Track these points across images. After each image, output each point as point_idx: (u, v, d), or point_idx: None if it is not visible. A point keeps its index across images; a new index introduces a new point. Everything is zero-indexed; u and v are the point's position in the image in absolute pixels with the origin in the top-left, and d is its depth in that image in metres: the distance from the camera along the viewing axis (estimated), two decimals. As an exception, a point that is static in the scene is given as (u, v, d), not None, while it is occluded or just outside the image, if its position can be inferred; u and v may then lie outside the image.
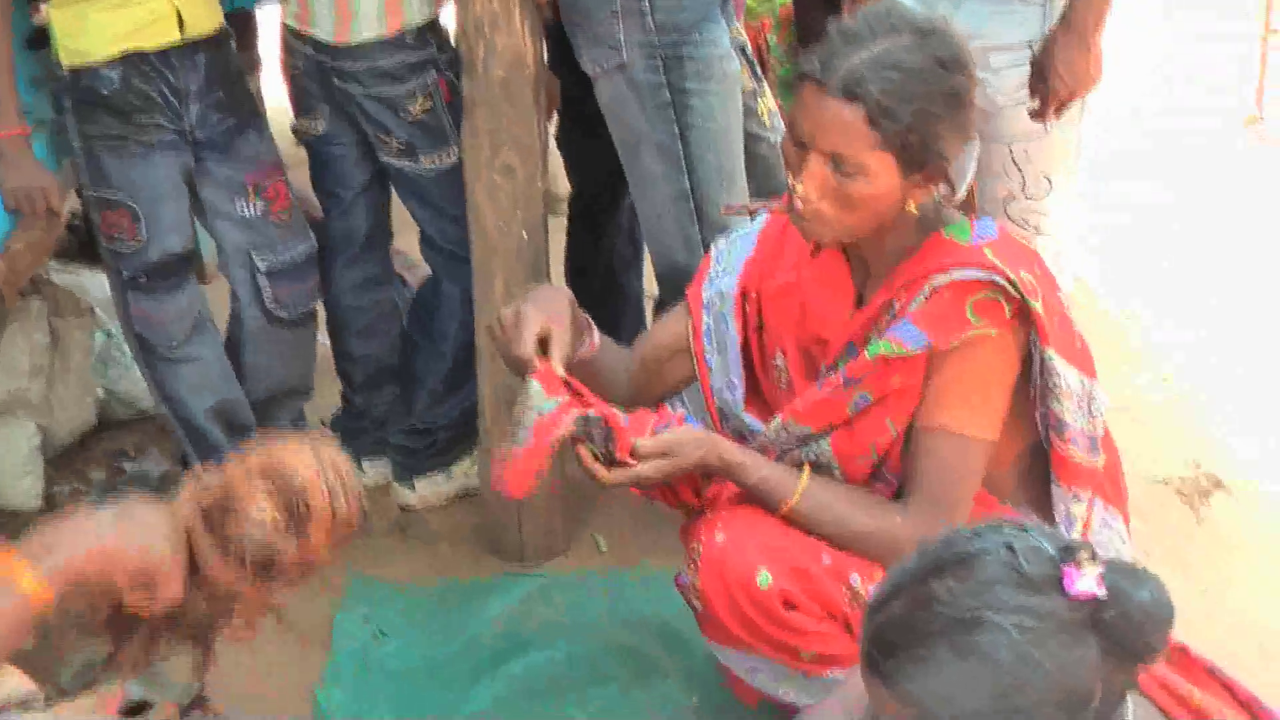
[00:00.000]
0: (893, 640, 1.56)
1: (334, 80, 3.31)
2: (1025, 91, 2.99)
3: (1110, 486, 2.50)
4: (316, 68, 3.33)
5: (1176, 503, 3.64)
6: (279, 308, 3.50)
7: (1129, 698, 1.64)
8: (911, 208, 2.30)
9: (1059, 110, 2.98)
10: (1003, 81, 3.03)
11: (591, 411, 2.34)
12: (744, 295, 2.60)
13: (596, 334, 2.63)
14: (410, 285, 3.98)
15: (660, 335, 2.74)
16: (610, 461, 2.35)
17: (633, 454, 2.35)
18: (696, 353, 2.64)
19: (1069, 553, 1.52)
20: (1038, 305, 2.26)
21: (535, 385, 2.38)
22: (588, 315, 2.62)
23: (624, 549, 3.35)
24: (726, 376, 2.60)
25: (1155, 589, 1.52)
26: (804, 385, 2.51)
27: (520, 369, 2.41)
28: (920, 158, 2.24)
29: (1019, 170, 3.14)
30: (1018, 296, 2.26)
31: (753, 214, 2.78)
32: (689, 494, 2.66)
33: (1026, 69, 2.98)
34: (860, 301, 2.45)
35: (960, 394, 2.32)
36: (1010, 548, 1.53)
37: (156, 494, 3.48)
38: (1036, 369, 2.34)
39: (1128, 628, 1.49)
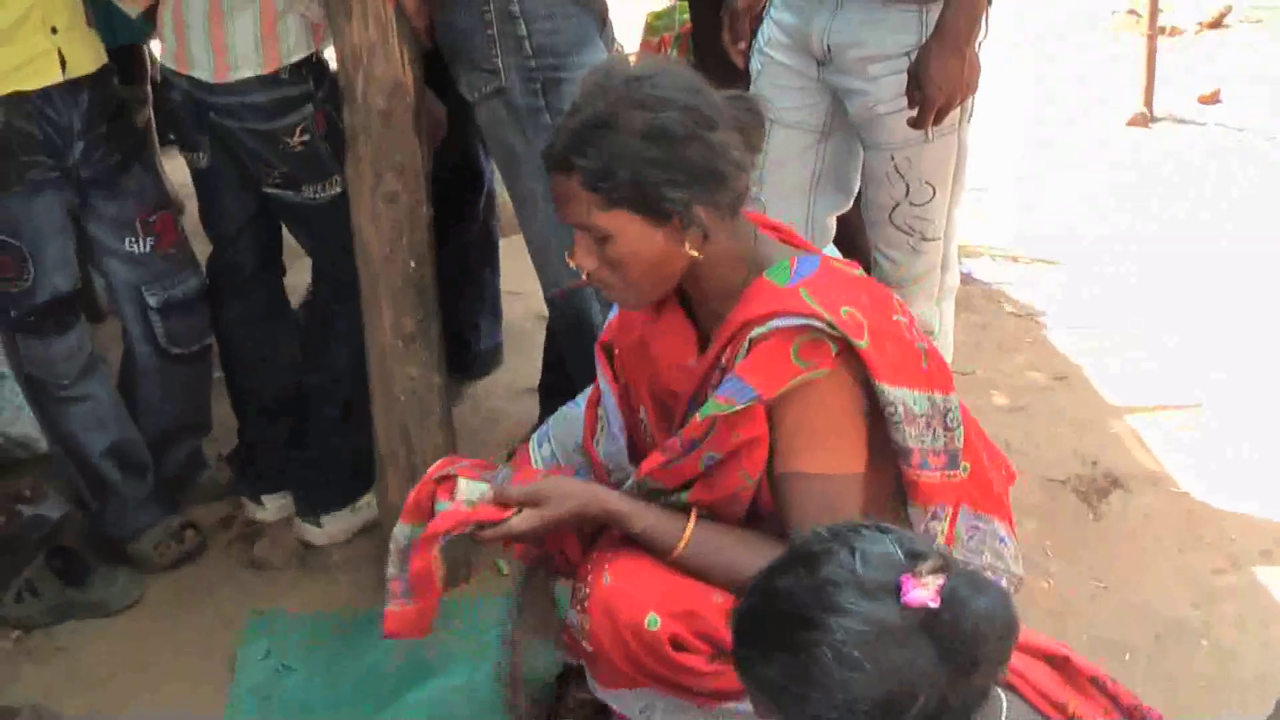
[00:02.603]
0: (743, 632, 1.63)
1: (211, 115, 3.22)
2: (904, 100, 2.94)
3: (978, 491, 2.42)
4: (194, 103, 3.24)
5: (1074, 500, 3.61)
6: (171, 343, 3.42)
7: (1004, 699, 1.68)
8: (691, 251, 2.21)
9: (937, 118, 2.93)
10: (881, 90, 3.00)
11: (446, 536, 2.34)
12: (605, 348, 2.54)
13: None
14: None
15: None
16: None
17: (502, 501, 2.31)
18: (589, 402, 2.59)
19: (914, 561, 1.56)
20: (863, 343, 2.19)
21: (398, 527, 2.44)
22: None
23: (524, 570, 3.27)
24: (610, 430, 2.53)
25: (995, 600, 1.55)
26: (664, 438, 2.43)
27: None
28: (657, 207, 2.17)
29: (901, 177, 3.10)
30: (840, 336, 2.18)
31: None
32: (575, 550, 2.57)
33: (904, 77, 2.93)
34: (704, 348, 2.38)
35: (809, 436, 2.23)
36: (854, 551, 1.58)
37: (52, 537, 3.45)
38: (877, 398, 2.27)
39: (959, 637, 1.52)
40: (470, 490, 2.35)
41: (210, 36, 3.13)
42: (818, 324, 2.17)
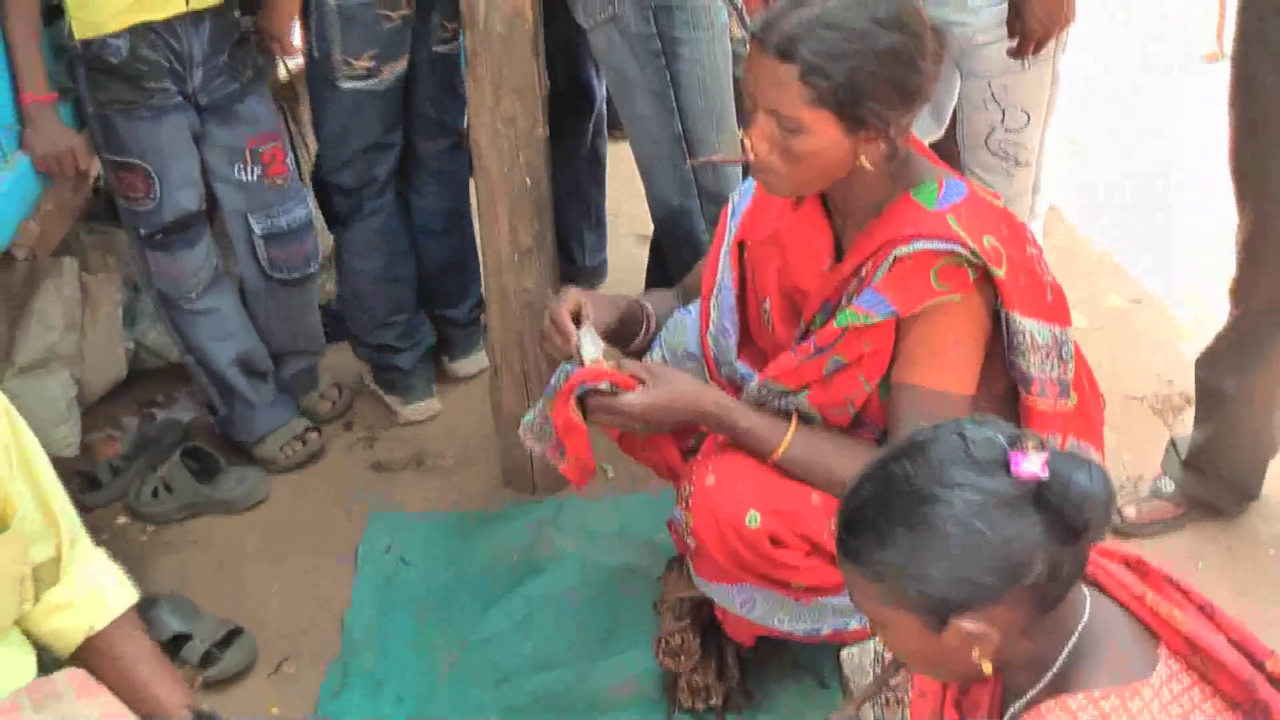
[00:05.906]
0: (857, 520, 1.63)
1: None
2: (1003, 30, 2.96)
3: (1082, 421, 2.43)
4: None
5: (1150, 416, 3.61)
6: (274, 269, 3.46)
7: (1087, 594, 1.69)
8: (865, 163, 2.21)
9: (1036, 48, 2.93)
10: (981, 21, 2.99)
11: (582, 387, 2.37)
12: (740, 244, 2.54)
13: (653, 322, 2.66)
14: None
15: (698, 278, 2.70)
16: None
17: (618, 368, 2.37)
18: (704, 296, 2.59)
19: (1017, 440, 1.58)
20: (1000, 272, 2.20)
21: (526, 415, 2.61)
22: (649, 306, 2.66)
23: (630, 475, 3.30)
24: (721, 323, 2.55)
25: (1094, 473, 1.57)
26: (786, 331, 2.46)
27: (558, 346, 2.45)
28: (859, 116, 2.15)
29: (998, 104, 3.10)
30: (980, 264, 2.20)
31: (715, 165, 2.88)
32: (675, 456, 2.64)
33: (1004, 8, 2.94)
34: (839, 252, 2.38)
35: (931, 354, 2.26)
36: (962, 435, 1.61)
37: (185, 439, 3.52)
38: (1004, 325, 2.28)
39: (1066, 505, 1.55)
40: (595, 345, 2.42)
41: None
42: (961, 250, 2.19)
